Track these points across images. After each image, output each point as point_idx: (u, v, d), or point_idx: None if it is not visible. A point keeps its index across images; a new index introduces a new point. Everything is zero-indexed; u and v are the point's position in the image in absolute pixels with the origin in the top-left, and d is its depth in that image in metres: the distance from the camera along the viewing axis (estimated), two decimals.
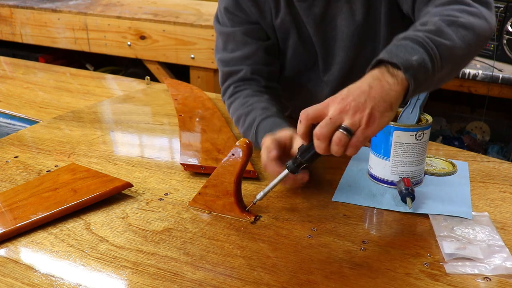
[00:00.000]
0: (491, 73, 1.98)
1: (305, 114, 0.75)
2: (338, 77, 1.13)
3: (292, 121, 1.19)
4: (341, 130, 0.71)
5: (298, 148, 0.81)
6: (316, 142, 0.74)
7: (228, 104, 1.15)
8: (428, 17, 0.82)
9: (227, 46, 1.14)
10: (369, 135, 0.72)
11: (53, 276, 0.71)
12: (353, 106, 0.71)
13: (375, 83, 0.72)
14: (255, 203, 0.86)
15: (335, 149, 0.73)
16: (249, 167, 0.97)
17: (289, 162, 0.82)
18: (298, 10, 1.07)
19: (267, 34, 1.14)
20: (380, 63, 0.75)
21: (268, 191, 0.85)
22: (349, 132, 0.71)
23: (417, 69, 0.72)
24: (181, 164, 1.02)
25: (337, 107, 0.72)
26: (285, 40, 1.13)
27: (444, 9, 0.84)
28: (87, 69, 2.99)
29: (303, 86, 1.19)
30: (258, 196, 0.85)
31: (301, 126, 0.76)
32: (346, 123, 0.71)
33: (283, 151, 0.87)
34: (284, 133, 0.90)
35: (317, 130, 0.73)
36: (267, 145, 0.87)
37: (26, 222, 0.82)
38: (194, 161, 1.04)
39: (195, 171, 1.01)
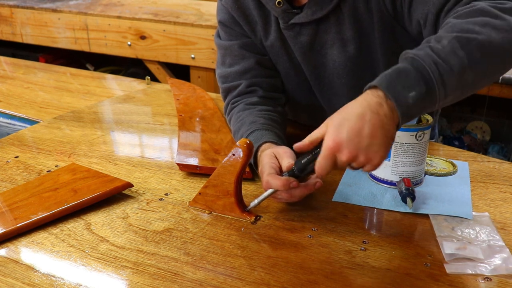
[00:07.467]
0: None
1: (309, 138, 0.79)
2: (337, 105, 1.11)
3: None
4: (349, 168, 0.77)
5: (296, 162, 0.83)
6: (318, 173, 0.77)
7: (228, 121, 1.15)
8: (445, 31, 0.76)
9: (225, 60, 1.14)
10: (377, 166, 0.75)
11: (53, 276, 0.71)
12: (358, 150, 0.73)
13: (373, 118, 0.72)
14: (248, 210, 0.86)
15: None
16: None
17: (285, 174, 0.84)
18: (286, 37, 1.06)
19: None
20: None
21: (263, 199, 0.85)
22: (356, 168, 0.76)
23: (411, 107, 0.72)
24: (176, 164, 1.02)
25: (346, 153, 0.73)
26: (276, 62, 1.13)
27: (465, 22, 0.76)
28: (87, 69, 2.99)
29: (305, 109, 1.19)
30: (252, 204, 0.86)
31: (305, 143, 0.79)
32: (354, 165, 0.75)
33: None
34: (270, 162, 0.88)
35: (318, 170, 0.76)
36: (281, 184, 0.84)
37: (27, 222, 0.82)
38: (190, 161, 1.04)
39: (191, 171, 1.01)
